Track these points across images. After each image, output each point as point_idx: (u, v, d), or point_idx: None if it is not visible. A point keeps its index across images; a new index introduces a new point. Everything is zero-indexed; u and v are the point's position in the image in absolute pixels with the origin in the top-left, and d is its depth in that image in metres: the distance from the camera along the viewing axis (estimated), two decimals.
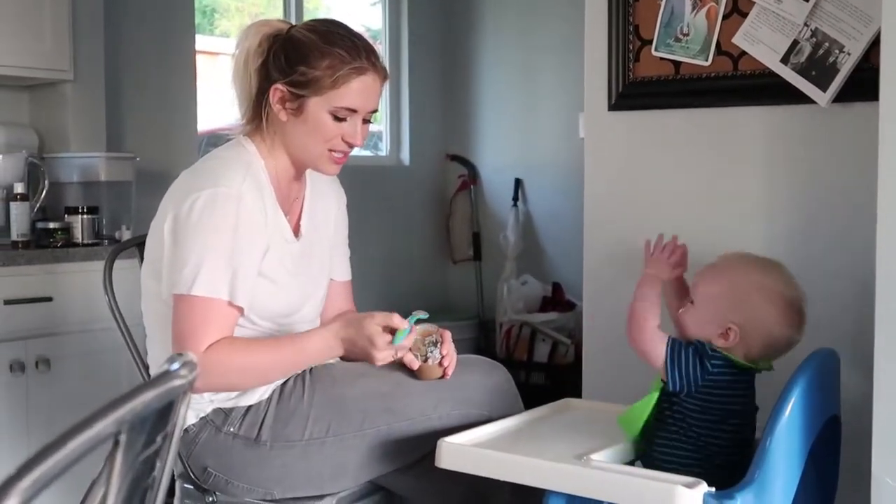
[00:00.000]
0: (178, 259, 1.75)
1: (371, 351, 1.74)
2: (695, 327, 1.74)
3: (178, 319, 1.75)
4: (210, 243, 1.74)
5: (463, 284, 5.04)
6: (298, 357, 1.82)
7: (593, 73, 2.38)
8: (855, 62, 1.99)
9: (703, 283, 1.76)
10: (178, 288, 1.74)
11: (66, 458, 0.59)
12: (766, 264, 1.77)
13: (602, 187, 2.40)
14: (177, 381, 0.73)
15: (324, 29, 1.84)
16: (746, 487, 1.51)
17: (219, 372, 1.74)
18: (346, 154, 1.87)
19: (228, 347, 1.75)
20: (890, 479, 1.55)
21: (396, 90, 4.90)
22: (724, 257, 1.79)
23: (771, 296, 1.72)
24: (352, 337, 1.76)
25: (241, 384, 1.82)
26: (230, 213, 1.75)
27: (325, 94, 1.80)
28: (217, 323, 1.75)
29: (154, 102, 3.65)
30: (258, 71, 1.84)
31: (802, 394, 1.61)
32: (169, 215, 1.78)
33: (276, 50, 1.83)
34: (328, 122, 1.82)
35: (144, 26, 3.62)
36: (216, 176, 1.78)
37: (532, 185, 4.81)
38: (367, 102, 1.83)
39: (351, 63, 1.80)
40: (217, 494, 1.87)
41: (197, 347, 1.72)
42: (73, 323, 2.78)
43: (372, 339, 1.74)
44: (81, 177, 3.12)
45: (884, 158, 1.55)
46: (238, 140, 1.89)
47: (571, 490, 1.59)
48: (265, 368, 1.81)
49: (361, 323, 1.76)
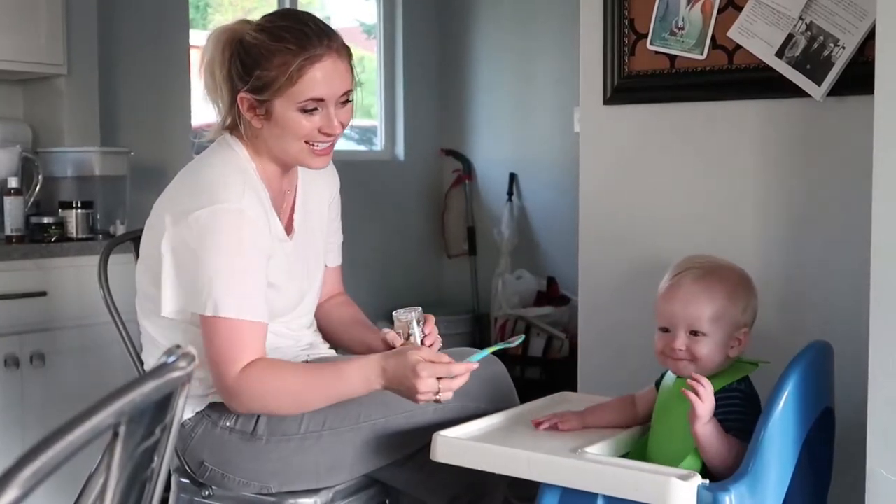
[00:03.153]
0: (197, 282, 1.72)
1: (414, 381, 1.66)
2: (715, 354, 1.67)
3: (209, 343, 1.73)
4: (225, 264, 1.71)
5: (458, 279, 5.05)
6: (337, 383, 1.74)
7: (588, 67, 2.38)
8: (850, 56, 1.99)
9: (700, 309, 1.67)
10: (204, 310, 1.72)
11: (66, 448, 0.60)
12: (717, 259, 1.77)
13: (597, 181, 2.41)
14: (175, 372, 0.73)
15: (271, 25, 1.77)
16: (740, 479, 1.52)
17: (255, 395, 1.73)
18: (331, 144, 1.83)
19: (264, 370, 1.74)
20: (884, 471, 1.55)
21: (391, 85, 4.89)
22: (685, 274, 1.71)
23: (750, 281, 1.74)
24: (393, 368, 1.69)
25: (279, 408, 1.77)
26: (237, 231, 1.73)
27: (286, 94, 1.74)
28: (248, 343, 1.73)
29: (148, 97, 3.65)
30: (226, 80, 1.80)
31: (796, 386, 1.61)
32: (168, 231, 1.75)
33: (233, 57, 1.78)
34: (299, 119, 1.77)
35: (138, 21, 3.61)
36: (215, 191, 1.75)
37: (527, 180, 4.81)
38: (332, 88, 1.77)
39: (302, 54, 1.73)
40: (213, 488, 1.88)
41: (232, 370, 1.72)
42: (67, 318, 2.78)
43: (416, 369, 1.66)
44: (75, 171, 3.11)
45: (878, 151, 1.56)
46: (226, 141, 1.86)
47: (566, 483, 1.59)
48: (302, 393, 1.75)
49: (405, 354, 1.70)
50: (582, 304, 2.46)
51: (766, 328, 2.00)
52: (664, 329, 1.71)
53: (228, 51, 1.79)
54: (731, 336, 1.68)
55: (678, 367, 1.69)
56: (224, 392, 1.75)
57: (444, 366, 1.67)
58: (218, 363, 1.73)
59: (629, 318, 2.28)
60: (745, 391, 1.68)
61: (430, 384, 1.66)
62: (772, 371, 1.67)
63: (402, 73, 4.88)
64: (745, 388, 1.69)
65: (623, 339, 2.33)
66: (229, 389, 1.73)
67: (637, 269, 2.29)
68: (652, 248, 2.29)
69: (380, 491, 1.98)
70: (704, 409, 1.57)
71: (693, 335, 1.67)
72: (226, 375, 1.72)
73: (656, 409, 1.75)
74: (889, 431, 1.56)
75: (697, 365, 1.67)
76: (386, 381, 1.71)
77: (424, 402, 1.69)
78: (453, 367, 1.68)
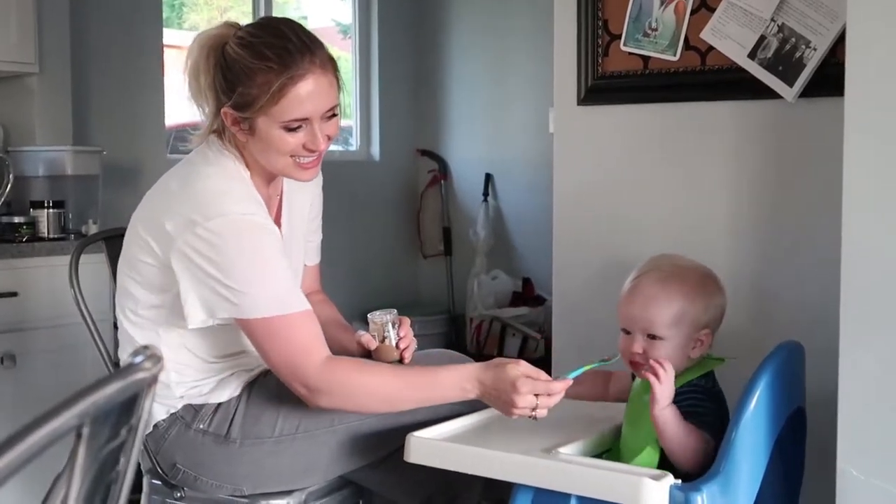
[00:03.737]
0: (229, 288, 1.67)
1: (512, 396, 1.65)
2: (674, 357, 1.66)
3: (270, 346, 1.70)
4: (258, 264, 1.69)
5: (433, 279, 5.04)
6: (432, 389, 1.73)
7: (563, 67, 2.39)
8: (821, 57, 2.00)
9: (657, 313, 1.67)
10: (250, 314, 1.68)
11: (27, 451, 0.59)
12: (682, 259, 1.77)
13: (571, 182, 2.41)
14: (140, 373, 0.72)
15: (253, 40, 1.71)
16: (712, 479, 1.52)
17: (344, 391, 1.71)
18: (317, 158, 1.79)
19: (354, 366, 1.73)
20: (854, 470, 1.56)
21: (367, 85, 4.88)
22: (645, 276, 1.72)
23: (714, 280, 1.74)
24: (491, 380, 1.68)
25: (367, 406, 1.76)
26: (258, 234, 1.71)
27: (269, 112, 1.69)
28: (313, 333, 1.71)
29: (121, 96, 3.62)
30: (210, 87, 1.75)
31: (768, 386, 1.62)
32: (175, 242, 1.69)
33: (217, 67, 1.74)
34: (283, 136, 1.72)
35: (111, 19, 3.59)
36: (222, 202, 1.71)
37: (502, 181, 4.82)
38: (316, 106, 1.72)
39: (284, 72, 1.68)
40: (185, 490, 1.86)
41: (311, 362, 1.69)
42: (38, 318, 2.75)
43: (516, 385, 1.64)
44: (47, 170, 3.08)
45: (849, 152, 1.57)
46: (216, 148, 1.80)
47: (539, 483, 1.59)
48: (395, 393, 1.74)
49: (505, 367, 1.68)
50: (556, 305, 2.47)
51: (737, 328, 2.01)
52: (625, 331, 1.72)
53: (213, 58, 1.74)
54: (691, 338, 1.69)
55: (638, 370, 1.70)
56: (307, 387, 1.70)
57: (543, 383, 1.67)
58: (292, 361, 1.69)
59: (603, 318, 2.28)
60: (706, 386, 1.69)
61: (528, 400, 1.65)
62: (743, 371, 1.67)
63: (377, 74, 4.88)
64: (707, 383, 1.69)
65: (597, 339, 2.32)
66: (314, 384, 1.69)
67: (611, 268, 2.30)
68: (625, 247, 2.30)
69: (353, 492, 1.98)
70: (663, 392, 1.58)
71: (650, 338, 1.68)
72: (307, 369, 1.69)
73: (626, 409, 1.76)
74: (859, 431, 1.57)
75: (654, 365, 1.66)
76: (482, 393, 1.70)
77: (519, 416, 1.68)
78: (552, 385, 1.67)
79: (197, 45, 1.76)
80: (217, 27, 1.78)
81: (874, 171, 1.55)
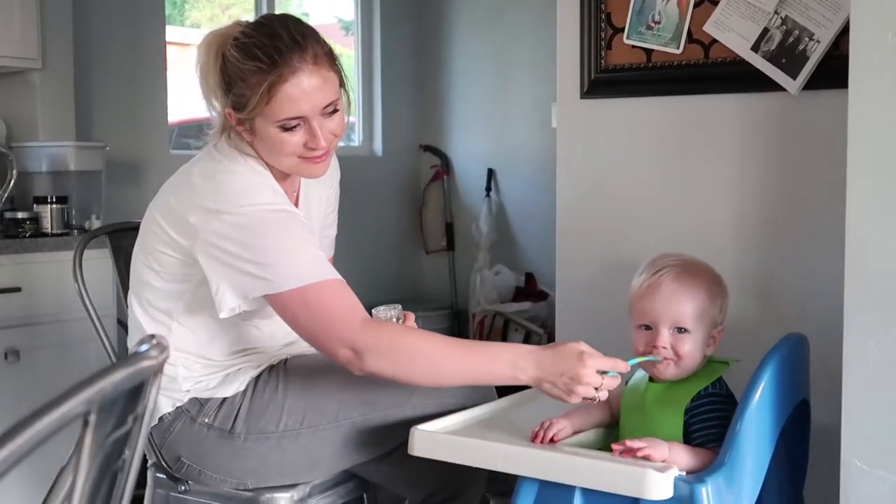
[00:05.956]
0: (259, 265, 1.65)
1: (579, 370, 1.59)
2: (696, 352, 1.66)
3: (306, 317, 1.66)
4: (287, 238, 1.68)
5: (436, 275, 5.04)
6: (482, 362, 1.67)
7: (565, 61, 2.38)
8: (824, 50, 2.00)
9: (686, 306, 1.67)
10: (281, 287, 1.65)
11: (34, 437, 0.59)
12: (689, 256, 1.77)
13: (574, 176, 2.41)
14: (147, 361, 0.72)
15: (245, 41, 1.69)
16: (717, 471, 1.52)
17: (388, 351, 1.64)
18: (325, 154, 1.75)
19: (400, 329, 1.72)
20: (858, 462, 1.56)
21: (369, 81, 4.88)
22: (665, 271, 1.70)
23: (722, 280, 1.75)
24: (551, 358, 1.63)
25: (411, 371, 1.67)
26: (286, 215, 1.71)
27: (263, 113, 1.68)
28: (349, 296, 1.67)
29: (124, 92, 3.62)
30: (218, 86, 1.74)
31: (772, 378, 1.62)
32: (200, 232, 1.68)
33: (219, 70, 1.72)
34: (281, 136, 1.70)
35: (114, 15, 3.58)
36: (251, 195, 1.70)
37: (505, 175, 4.81)
38: (310, 104, 1.68)
39: (272, 72, 1.65)
40: (189, 483, 1.87)
41: (352, 324, 1.65)
42: (42, 314, 2.76)
43: (583, 358, 1.59)
44: (50, 166, 3.08)
45: (853, 145, 1.57)
46: (236, 146, 1.78)
47: (544, 476, 1.59)
48: (439, 358, 1.67)
49: (566, 344, 1.63)
50: (559, 300, 2.47)
51: (741, 321, 2.01)
52: (646, 327, 1.70)
53: (220, 58, 1.73)
54: (709, 334, 1.69)
55: (657, 370, 1.69)
56: (354, 348, 1.64)
57: (611, 360, 1.62)
58: (334, 327, 1.65)
59: (606, 313, 2.29)
60: (721, 393, 1.68)
61: (595, 378, 1.60)
62: (747, 364, 1.67)
63: (379, 69, 4.87)
64: (721, 389, 1.69)
65: (600, 334, 2.32)
66: (360, 344, 1.63)
67: (614, 263, 2.30)
68: (629, 242, 2.30)
69: (357, 485, 1.98)
70: (657, 453, 1.55)
71: (678, 332, 1.67)
72: (352, 330, 1.64)
73: (623, 407, 1.75)
74: (863, 423, 1.57)
75: (680, 364, 1.66)
76: (541, 373, 1.63)
77: (582, 395, 1.61)
78: (619, 363, 1.62)
79: (204, 44, 1.75)
80: (226, 26, 1.77)
81: (878, 164, 1.55)
